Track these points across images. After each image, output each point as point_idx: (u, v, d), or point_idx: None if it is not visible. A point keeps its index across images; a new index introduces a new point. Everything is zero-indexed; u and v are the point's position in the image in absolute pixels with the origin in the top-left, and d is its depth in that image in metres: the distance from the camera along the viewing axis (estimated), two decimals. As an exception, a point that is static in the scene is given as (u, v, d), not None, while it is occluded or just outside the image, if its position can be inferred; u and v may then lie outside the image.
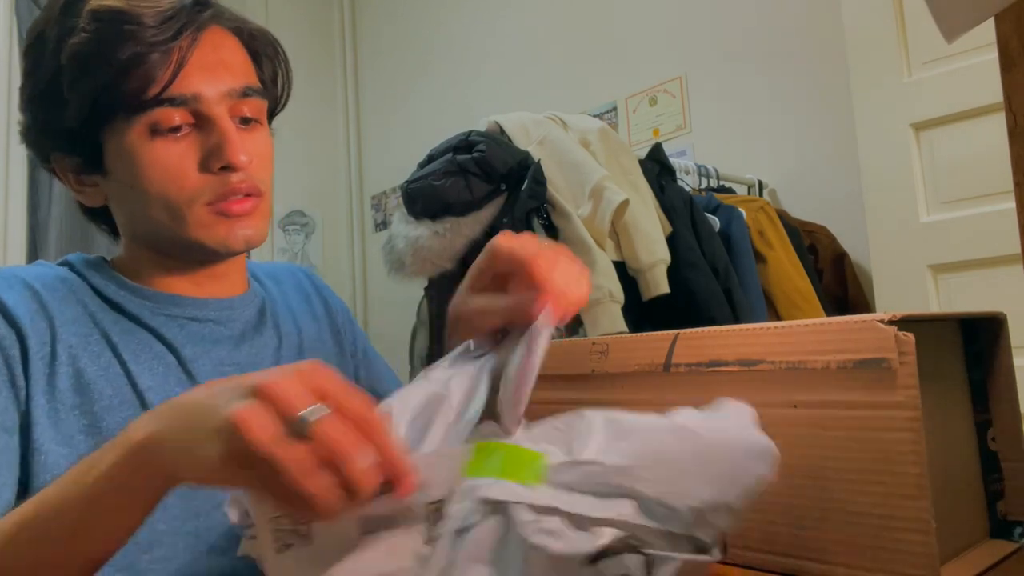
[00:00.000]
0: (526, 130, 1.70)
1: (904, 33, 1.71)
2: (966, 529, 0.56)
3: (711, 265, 1.67)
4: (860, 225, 1.85)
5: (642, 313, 1.60)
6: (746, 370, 0.56)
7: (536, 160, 1.58)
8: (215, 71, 0.67)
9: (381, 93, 3.79)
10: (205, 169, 0.66)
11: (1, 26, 2.99)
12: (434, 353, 1.69)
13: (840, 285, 2.01)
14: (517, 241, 0.55)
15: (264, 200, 0.71)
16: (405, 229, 1.60)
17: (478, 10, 3.27)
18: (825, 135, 2.16)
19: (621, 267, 1.59)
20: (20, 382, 0.62)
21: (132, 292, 0.71)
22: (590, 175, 1.59)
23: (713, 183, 2.12)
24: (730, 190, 2.16)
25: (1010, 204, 0.85)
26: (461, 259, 1.56)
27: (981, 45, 1.52)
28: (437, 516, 0.42)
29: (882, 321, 0.49)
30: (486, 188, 1.55)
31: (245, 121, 0.69)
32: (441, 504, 0.43)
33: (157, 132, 0.65)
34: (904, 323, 0.49)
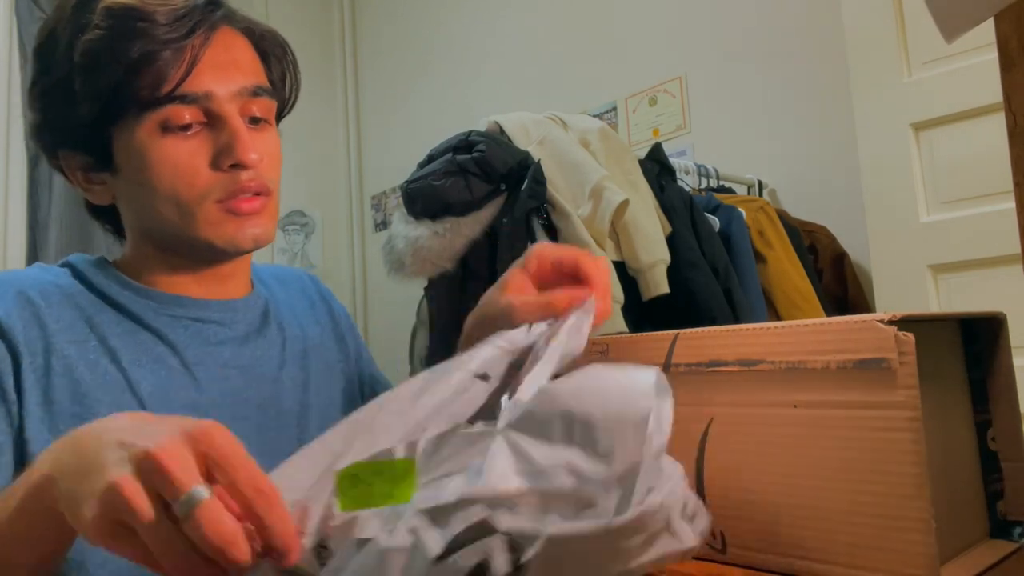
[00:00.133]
0: (526, 130, 1.70)
1: (904, 33, 1.71)
2: (966, 529, 0.56)
3: (711, 265, 1.67)
4: (860, 225, 1.85)
5: (642, 313, 1.60)
6: (746, 370, 0.56)
7: (536, 160, 1.58)
8: (227, 70, 0.67)
9: (381, 93, 3.79)
10: (215, 167, 0.66)
11: (1, 26, 2.99)
12: (433, 353, 1.69)
13: (840, 285, 2.01)
14: (563, 248, 0.61)
15: (272, 199, 0.71)
16: (405, 229, 1.60)
17: (478, 10, 3.27)
18: (825, 135, 2.15)
19: (621, 267, 1.59)
20: (12, 396, 0.61)
21: (135, 292, 0.70)
22: (590, 175, 1.59)
23: (713, 183, 2.11)
24: (730, 190, 2.16)
25: (1010, 204, 0.85)
26: (461, 259, 1.56)
27: (981, 45, 1.52)
28: (328, 554, 0.42)
29: (882, 321, 0.49)
30: (486, 188, 1.55)
31: (255, 121, 0.70)
32: (327, 543, 0.42)
33: (168, 129, 0.65)
34: (904, 323, 0.49)
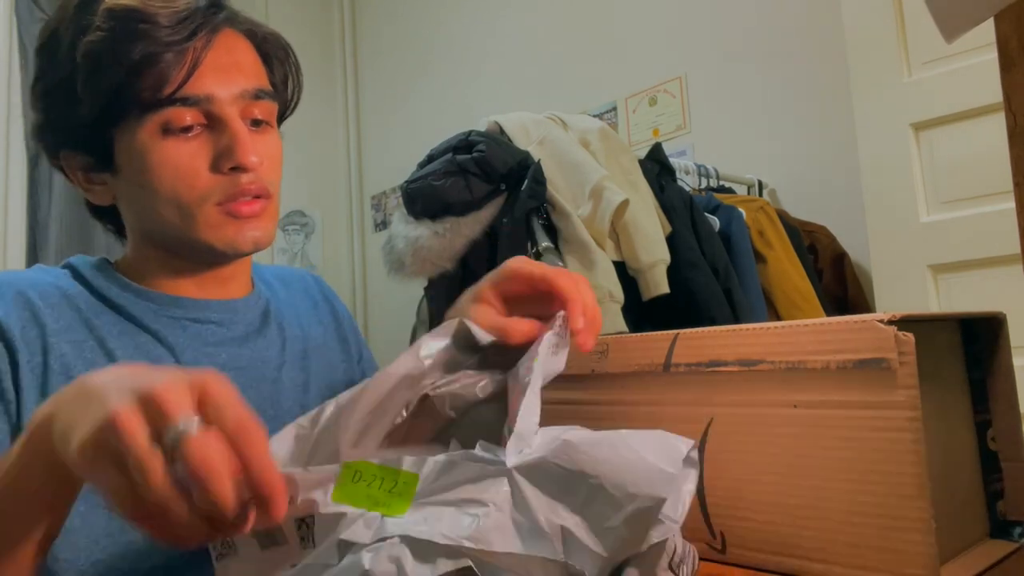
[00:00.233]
0: (526, 130, 1.70)
1: (904, 33, 1.71)
2: (966, 529, 0.56)
3: (711, 265, 1.67)
4: (860, 225, 1.85)
5: (642, 313, 1.60)
6: (746, 370, 0.56)
7: (536, 160, 1.58)
8: (228, 73, 0.67)
9: (381, 93, 3.79)
10: (216, 169, 0.66)
11: (1, 26, 2.99)
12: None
13: (840, 285, 2.01)
14: (537, 265, 0.58)
15: (272, 202, 0.71)
16: (405, 229, 1.60)
17: (478, 10, 3.27)
18: (825, 135, 2.15)
19: (621, 267, 1.59)
20: (10, 395, 0.61)
21: (135, 294, 0.70)
22: (590, 175, 1.59)
23: (713, 183, 2.11)
24: (730, 190, 2.16)
25: (1010, 204, 0.85)
26: (461, 259, 1.56)
27: (981, 45, 1.52)
28: (307, 532, 0.42)
29: (882, 321, 0.49)
30: (486, 188, 1.55)
31: (256, 123, 0.70)
32: (311, 521, 0.42)
33: (169, 131, 0.65)
34: (904, 323, 0.49)
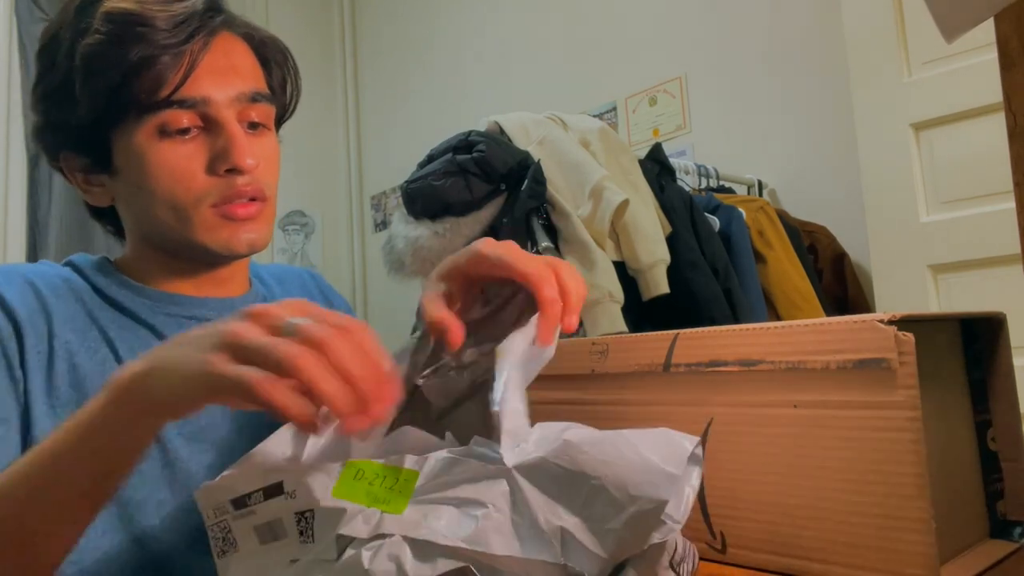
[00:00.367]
0: (526, 130, 1.69)
1: (904, 33, 1.71)
2: (966, 529, 0.56)
3: (711, 265, 1.67)
4: (860, 225, 1.85)
5: (642, 313, 1.60)
6: (746, 370, 0.56)
7: (536, 160, 1.58)
8: (225, 75, 0.68)
9: (381, 93, 3.79)
10: (212, 171, 0.67)
11: (1, 27, 2.99)
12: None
13: (840, 285, 2.01)
14: (503, 246, 0.52)
15: (269, 205, 0.71)
16: (405, 229, 1.60)
17: (478, 10, 3.27)
18: (825, 135, 2.15)
19: (621, 267, 1.59)
20: (18, 375, 0.62)
21: (133, 291, 0.71)
22: (590, 175, 1.59)
23: (713, 183, 2.11)
24: (730, 190, 2.16)
25: (1010, 204, 0.85)
26: (461, 259, 1.56)
27: (981, 45, 1.52)
28: (307, 526, 0.43)
29: (882, 321, 0.49)
30: (486, 188, 1.55)
31: (253, 126, 0.70)
32: (311, 516, 0.43)
33: (166, 133, 0.66)
34: (904, 323, 0.49)
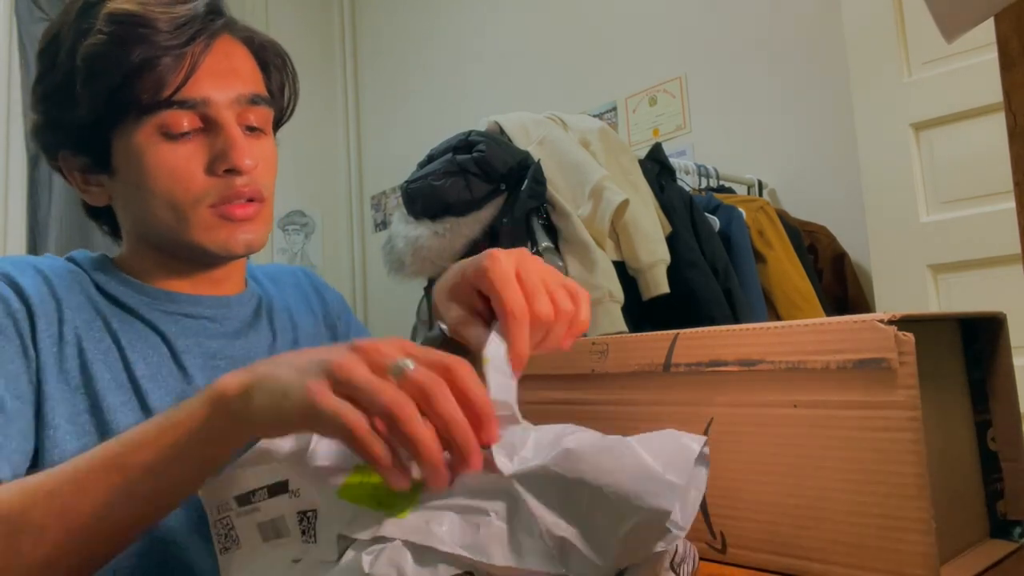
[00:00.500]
0: (526, 130, 1.70)
1: (904, 33, 1.71)
2: (966, 529, 0.56)
3: (711, 265, 1.67)
4: (860, 225, 1.85)
5: (642, 313, 1.60)
6: (746, 370, 0.56)
7: (536, 160, 1.58)
8: (226, 77, 0.68)
9: (381, 93, 3.79)
10: (211, 172, 0.68)
11: (1, 27, 2.99)
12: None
13: (840, 285, 2.01)
14: (504, 276, 0.53)
15: (266, 206, 0.72)
16: (405, 229, 1.60)
17: (478, 10, 3.27)
18: (825, 135, 2.15)
19: (621, 267, 1.59)
20: (31, 354, 0.63)
21: (132, 288, 0.72)
22: (590, 175, 1.59)
23: (713, 183, 2.11)
24: (730, 190, 2.16)
25: (1010, 204, 0.85)
26: (461, 259, 1.56)
27: (981, 45, 1.52)
28: (309, 525, 0.43)
29: (882, 321, 0.49)
30: (486, 188, 1.55)
31: (251, 129, 0.71)
32: (314, 516, 0.43)
33: (165, 134, 0.67)
34: (904, 323, 0.49)
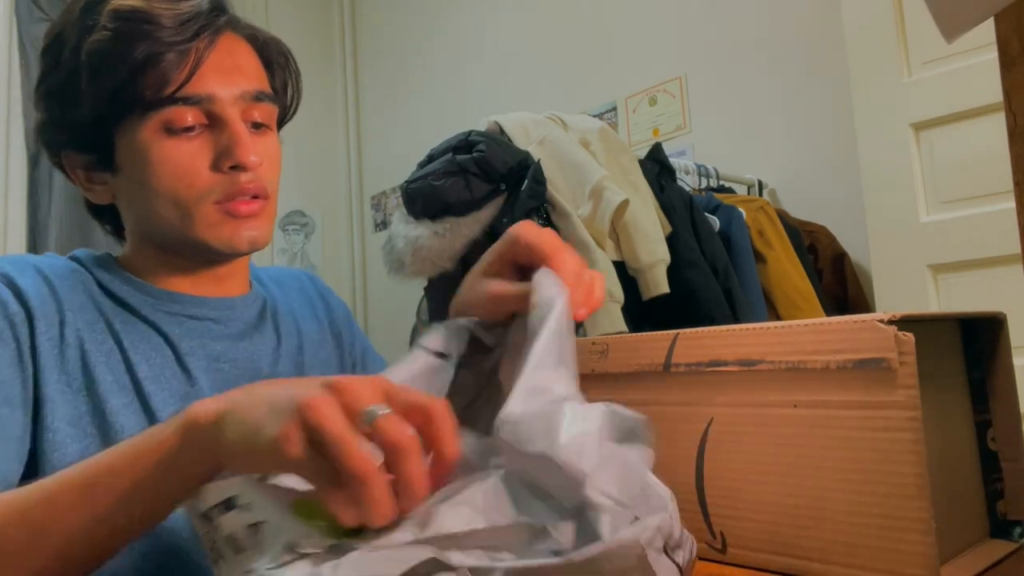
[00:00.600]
0: (526, 130, 1.70)
1: (904, 33, 1.71)
2: (966, 529, 0.56)
3: (711, 265, 1.67)
4: (860, 225, 1.85)
5: (642, 313, 1.60)
6: (746, 370, 0.56)
7: (536, 160, 1.58)
8: (230, 74, 0.68)
9: (381, 93, 3.79)
10: (216, 168, 0.68)
11: (1, 27, 2.99)
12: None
13: (840, 285, 2.01)
14: (540, 233, 0.54)
15: (270, 203, 0.72)
16: (405, 229, 1.60)
17: (478, 10, 3.27)
18: (825, 135, 2.15)
19: (621, 267, 1.59)
20: (27, 358, 0.63)
21: (135, 288, 0.72)
22: (590, 175, 1.59)
23: (713, 183, 2.11)
24: (730, 190, 2.16)
25: (1010, 204, 0.85)
26: (461, 259, 1.56)
27: (981, 45, 1.52)
28: (258, 539, 0.42)
29: (882, 321, 0.49)
30: (486, 188, 1.55)
31: (256, 126, 0.71)
32: (263, 527, 0.42)
33: (170, 130, 0.66)
34: (904, 323, 0.49)
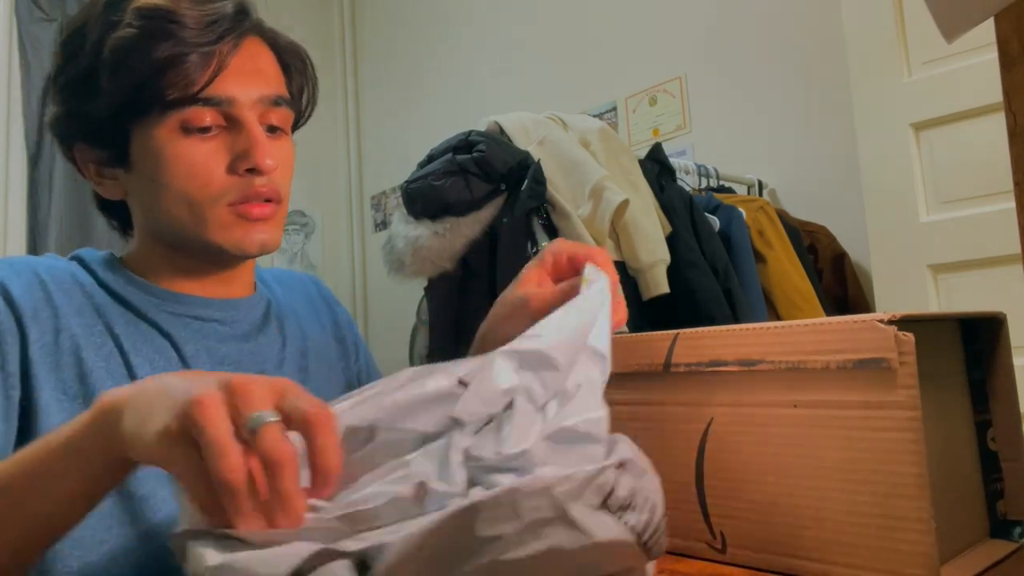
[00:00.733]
0: (526, 130, 1.69)
1: (904, 33, 1.71)
2: (966, 529, 0.56)
3: (711, 265, 1.67)
4: (860, 225, 1.85)
5: (642, 313, 1.60)
6: (746, 370, 0.56)
7: (536, 160, 1.58)
8: (251, 78, 0.69)
9: (381, 93, 3.79)
10: (232, 171, 0.68)
11: (1, 27, 2.99)
12: (433, 353, 1.69)
13: (840, 285, 2.01)
14: (577, 244, 0.63)
15: (282, 207, 0.72)
16: (405, 229, 1.60)
17: (478, 10, 3.27)
18: (825, 135, 2.15)
19: (621, 267, 1.59)
20: (12, 368, 0.62)
21: (139, 288, 0.72)
22: (590, 175, 1.59)
23: (713, 183, 2.11)
24: (730, 190, 2.16)
25: (1010, 204, 0.85)
26: (461, 259, 1.56)
27: (981, 45, 1.52)
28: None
29: (882, 321, 0.49)
30: (486, 188, 1.55)
31: (272, 130, 0.71)
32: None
33: (187, 130, 0.67)
34: (904, 323, 0.49)
